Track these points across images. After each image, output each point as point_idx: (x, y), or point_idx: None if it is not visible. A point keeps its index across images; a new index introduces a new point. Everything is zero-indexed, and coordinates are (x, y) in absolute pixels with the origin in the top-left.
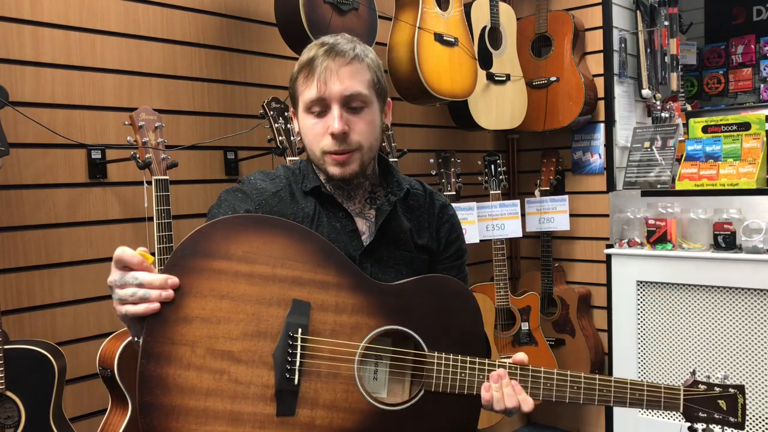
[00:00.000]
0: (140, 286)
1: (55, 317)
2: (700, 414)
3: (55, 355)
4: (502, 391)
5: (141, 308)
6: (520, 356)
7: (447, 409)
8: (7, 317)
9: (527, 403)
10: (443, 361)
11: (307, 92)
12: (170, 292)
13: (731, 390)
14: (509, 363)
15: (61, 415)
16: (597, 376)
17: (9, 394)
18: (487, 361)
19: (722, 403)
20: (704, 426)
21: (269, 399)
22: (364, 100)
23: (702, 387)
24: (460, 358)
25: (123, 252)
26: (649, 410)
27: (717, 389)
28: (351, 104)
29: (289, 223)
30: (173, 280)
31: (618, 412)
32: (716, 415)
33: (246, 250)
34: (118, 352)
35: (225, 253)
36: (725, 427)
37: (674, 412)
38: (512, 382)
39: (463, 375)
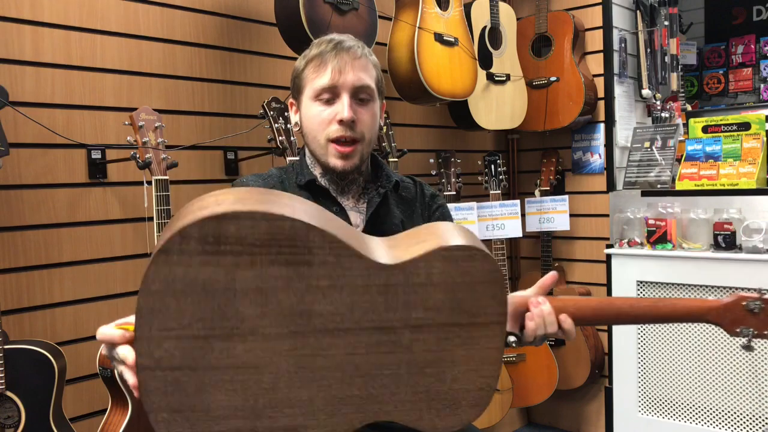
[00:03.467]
0: (123, 363)
1: (55, 317)
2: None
3: (55, 355)
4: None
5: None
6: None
7: None
8: (7, 317)
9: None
10: None
11: (319, 80)
12: None
13: None
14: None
15: (61, 415)
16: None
17: (9, 394)
18: None
19: None
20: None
21: None
22: (371, 93)
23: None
24: None
25: (103, 335)
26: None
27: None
28: (359, 95)
29: None
30: None
31: (618, 411)
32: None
33: None
34: None
35: None
36: None
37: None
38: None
39: None
